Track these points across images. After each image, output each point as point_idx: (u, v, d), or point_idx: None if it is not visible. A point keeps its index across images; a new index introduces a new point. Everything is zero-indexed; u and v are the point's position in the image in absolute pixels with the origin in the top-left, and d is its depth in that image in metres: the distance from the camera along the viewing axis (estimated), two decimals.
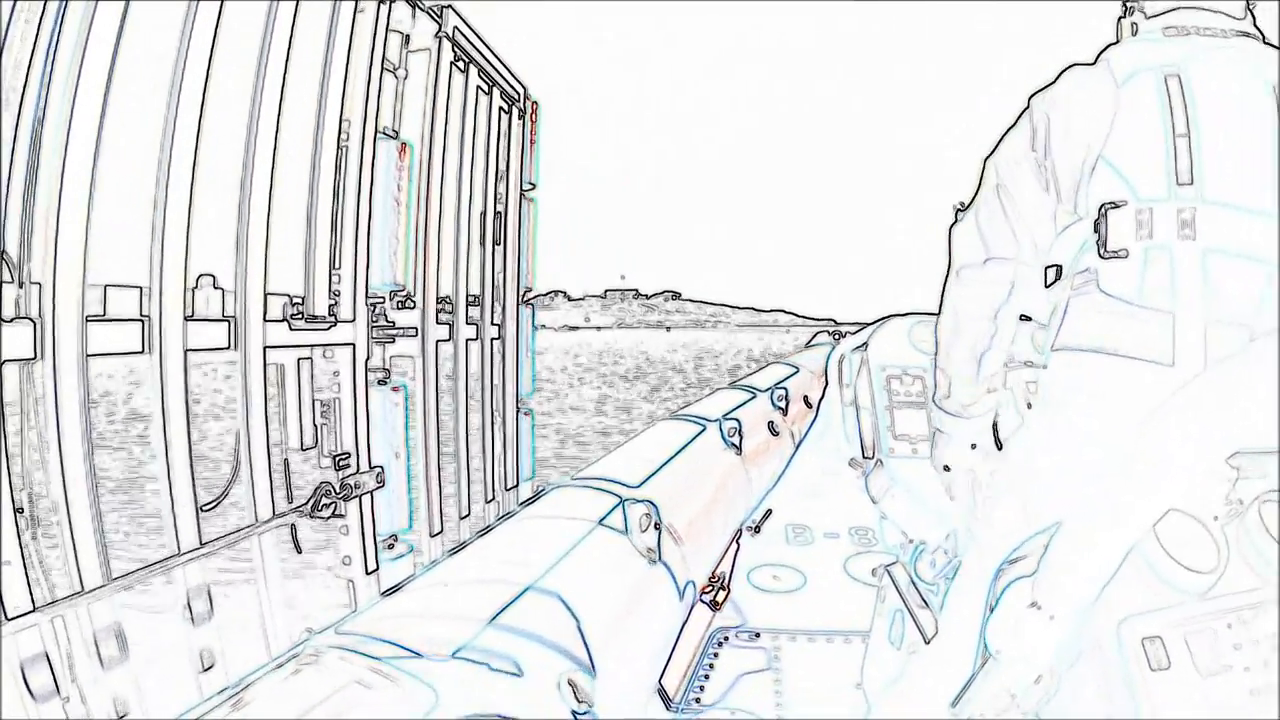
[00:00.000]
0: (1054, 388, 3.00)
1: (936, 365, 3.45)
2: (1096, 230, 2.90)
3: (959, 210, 3.33)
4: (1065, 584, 2.76)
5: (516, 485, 8.13)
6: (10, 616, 3.51)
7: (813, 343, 9.77)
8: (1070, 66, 3.11)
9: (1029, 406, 3.42)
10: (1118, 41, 3.25)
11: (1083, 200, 2.98)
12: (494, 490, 7.75)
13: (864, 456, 5.32)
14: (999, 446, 3.46)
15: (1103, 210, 2.89)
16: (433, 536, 6.56)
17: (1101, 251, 2.88)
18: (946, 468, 3.58)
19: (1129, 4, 3.22)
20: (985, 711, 2.84)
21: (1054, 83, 3.11)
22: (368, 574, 5.59)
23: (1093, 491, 2.77)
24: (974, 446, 3.48)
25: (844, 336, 9.37)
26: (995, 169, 3.18)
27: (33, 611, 3.59)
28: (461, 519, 7.15)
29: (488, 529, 3.81)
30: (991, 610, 2.92)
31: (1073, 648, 2.76)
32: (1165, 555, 2.67)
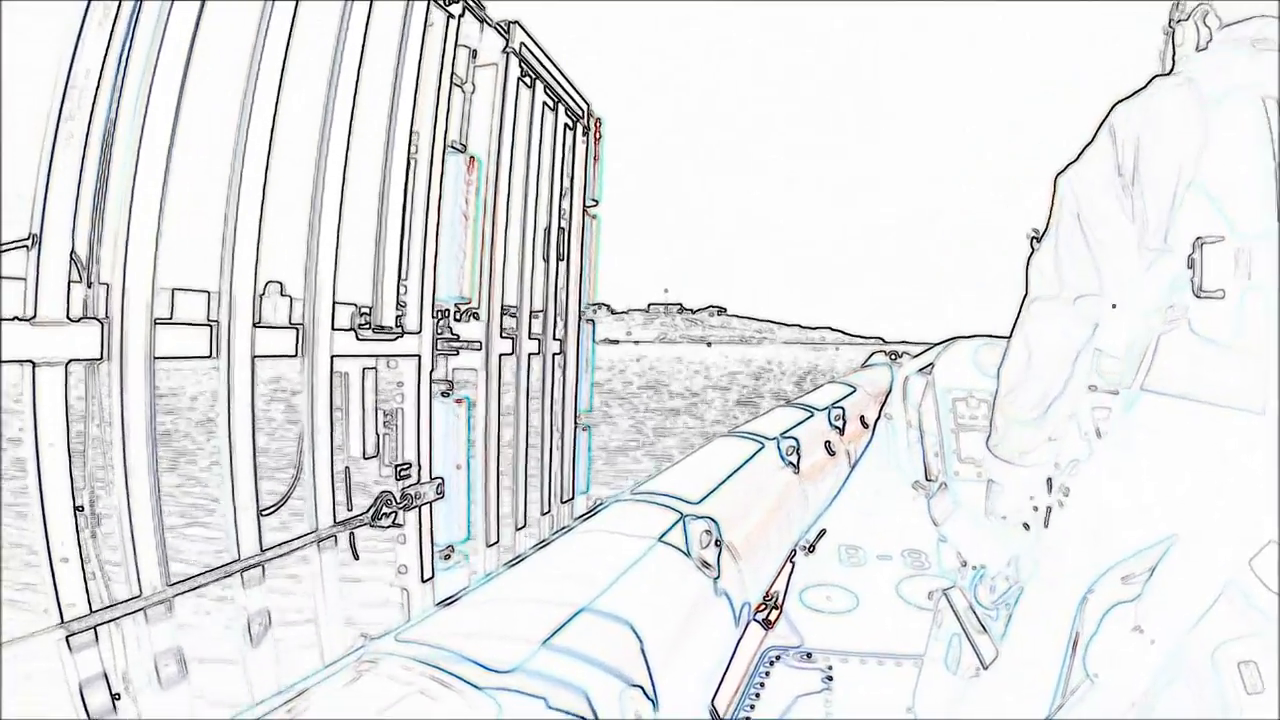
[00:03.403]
0: (1138, 430, 2.86)
1: (994, 407, 3.31)
2: (1190, 266, 2.75)
3: (1034, 239, 3.17)
4: (1170, 610, 2.71)
5: (572, 498, 8.15)
6: (66, 619, 3.53)
7: (869, 362, 9.70)
8: (1153, 79, 2.94)
9: (1098, 434, 3.30)
10: (1173, 51, 3.12)
11: (1173, 231, 2.80)
12: (550, 503, 7.78)
13: (927, 479, 5.28)
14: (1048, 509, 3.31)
15: (1198, 245, 2.73)
16: (489, 546, 6.58)
17: (1196, 291, 2.73)
18: (1002, 517, 3.45)
19: (1191, 5, 3.05)
20: None
21: (1136, 94, 2.94)
22: (423, 582, 5.60)
23: (1200, 521, 2.71)
24: (1033, 500, 3.35)
25: (900, 356, 9.29)
26: (1074, 193, 3.00)
27: (90, 614, 3.60)
28: (518, 530, 7.17)
29: (545, 542, 3.79)
30: (1075, 642, 2.87)
31: (1170, 671, 2.73)
32: (1259, 583, 2.63)
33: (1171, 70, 3.05)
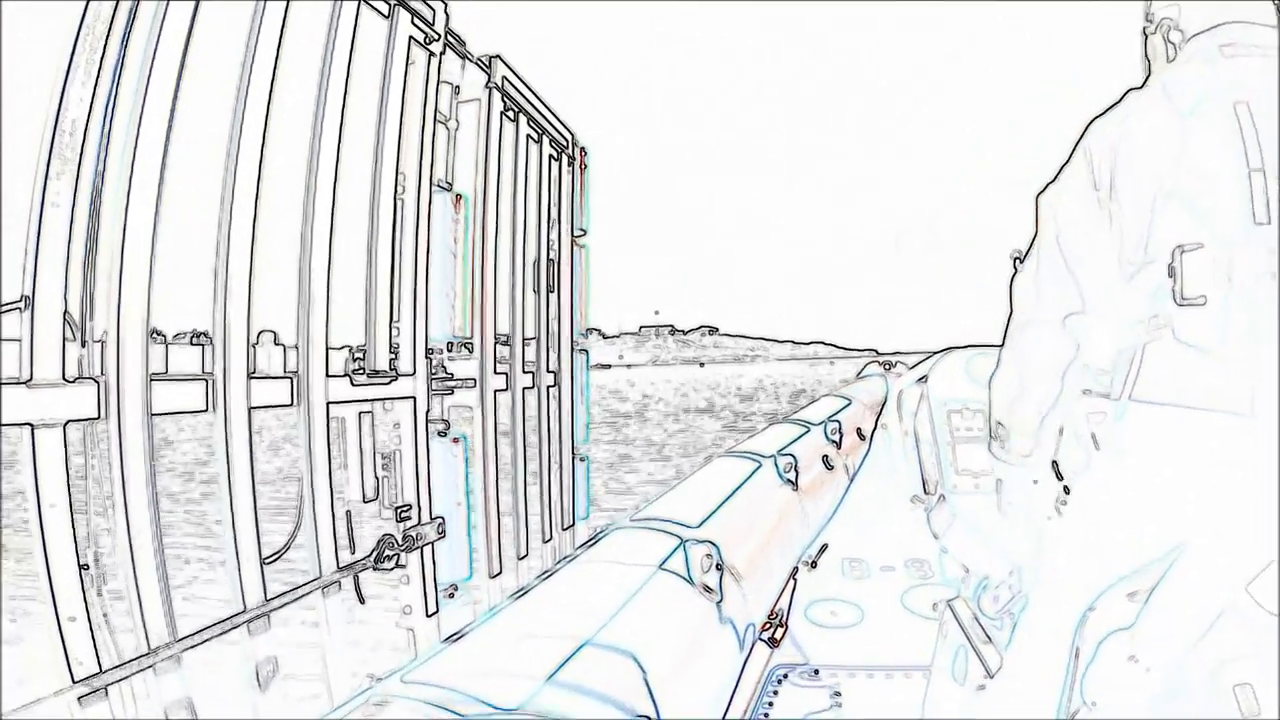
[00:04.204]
0: (1130, 441, 2.88)
1: (993, 416, 3.31)
2: (1171, 274, 2.75)
3: (1017, 260, 3.16)
4: (1165, 639, 2.71)
5: (573, 525, 8.16)
6: (76, 677, 3.53)
7: (863, 373, 9.70)
8: (1127, 93, 2.96)
9: (1094, 442, 3.27)
10: (1148, 61, 3.12)
11: (1152, 241, 2.80)
12: (551, 531, 7.77)
13: (925, 491, 5.28)
14: (1059, 478, 3.32)
15: (1177, 253, 2.73)
16: (492, 578, 6.58)
17: (1178, 299, 2.73)
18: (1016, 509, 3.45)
19: (1156, 20, 3.06)
20: None
21: (1110, 110, 2.96)
22: (428, 617, 5.59)
23: (1197, 533, 2.71)
24: (1035, 483, 3.34)
25: (894, 366, 9.30)
26: (1054, 216, 3.02)
27: (100, 674, 3.60)
28: (520, 559, 7.16)
29: (548, 573, 3.79)
30: (1076, 657, 2.87)
31: (1168, 694, 2.73)
32: (1256, 606, 2.64)
33: (1145, 82, 3.06)
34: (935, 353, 5.89)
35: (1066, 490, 3.18)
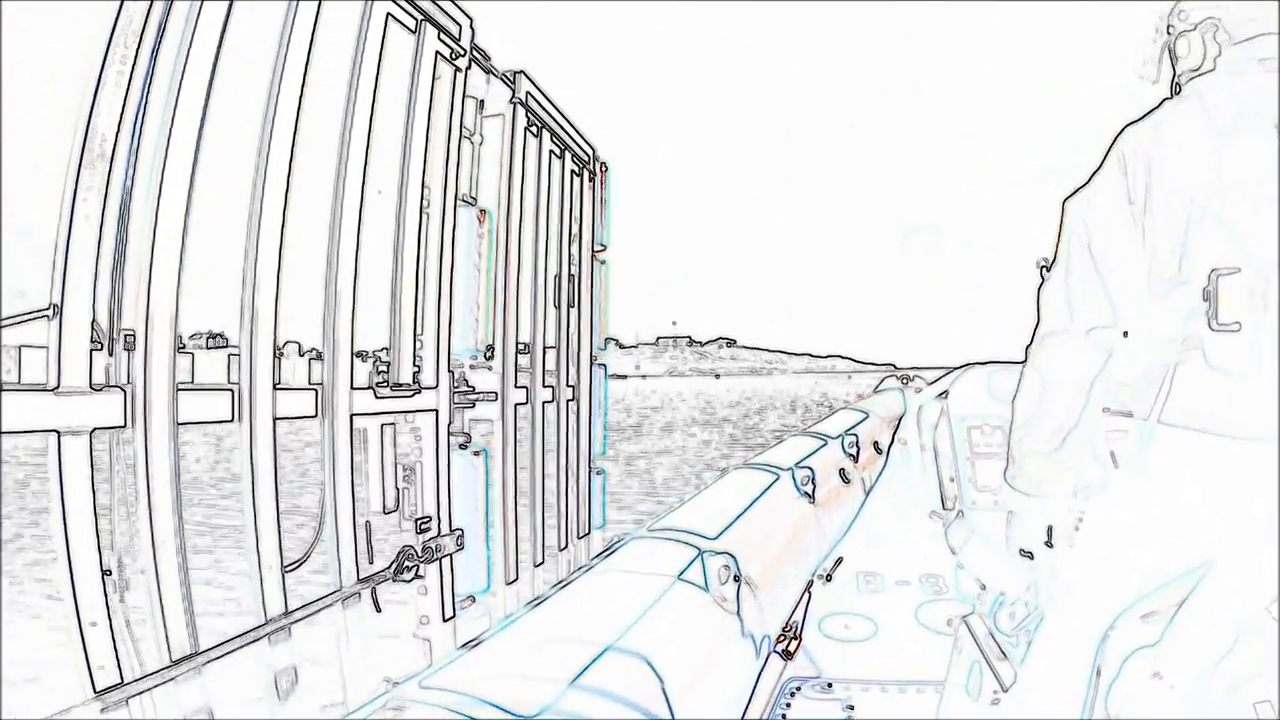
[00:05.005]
0: (1156, 464, 2.82)
1: (1010, 440, 3.23)
2: (1206, 298, 2.69)
3: (1044, 268, 3.08)
4: (1189, 657, 2.70)
5: (588, 534, 8.20)
6: (98, 685, 3.56)
7: (881, 387, 9.69)
8: (1162, 102, 2.89)
9: (1113, 459, 3.19)
10: (1173, 61, 3.03)
11: (1187, 261, 2.74)
12: (567, 540, 7.81)
13: (943, 507, 5.28)
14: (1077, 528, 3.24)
15: (1213, 277, 2.67)
16: (509, 584, 6.62)
17: (1212, 324, 2.68)
18: (1025, 552, 3.35)
19: (1195, 20, 2.96)
20: None
21: (1145, 118, 2.89)
22: (445, 621, 5.62)
23: (1220, 559, 2.71)
24: (1050, 530, 3.24)
25: (911, 380, 9.30)
26: (1084, 222, 2.94)
27: (123, 685, 3.63)
28: (536, 566, 7.20)
29: (564, 582, 3.81)
30: (1098, 674, 2.87)
31: (1189, 713, 2.72)
32: (1276, 624, 2.64)
33: (1176, 89, 2.99)
34: (955, 368, 5.89)
35: (1080, 518, 3.13)
